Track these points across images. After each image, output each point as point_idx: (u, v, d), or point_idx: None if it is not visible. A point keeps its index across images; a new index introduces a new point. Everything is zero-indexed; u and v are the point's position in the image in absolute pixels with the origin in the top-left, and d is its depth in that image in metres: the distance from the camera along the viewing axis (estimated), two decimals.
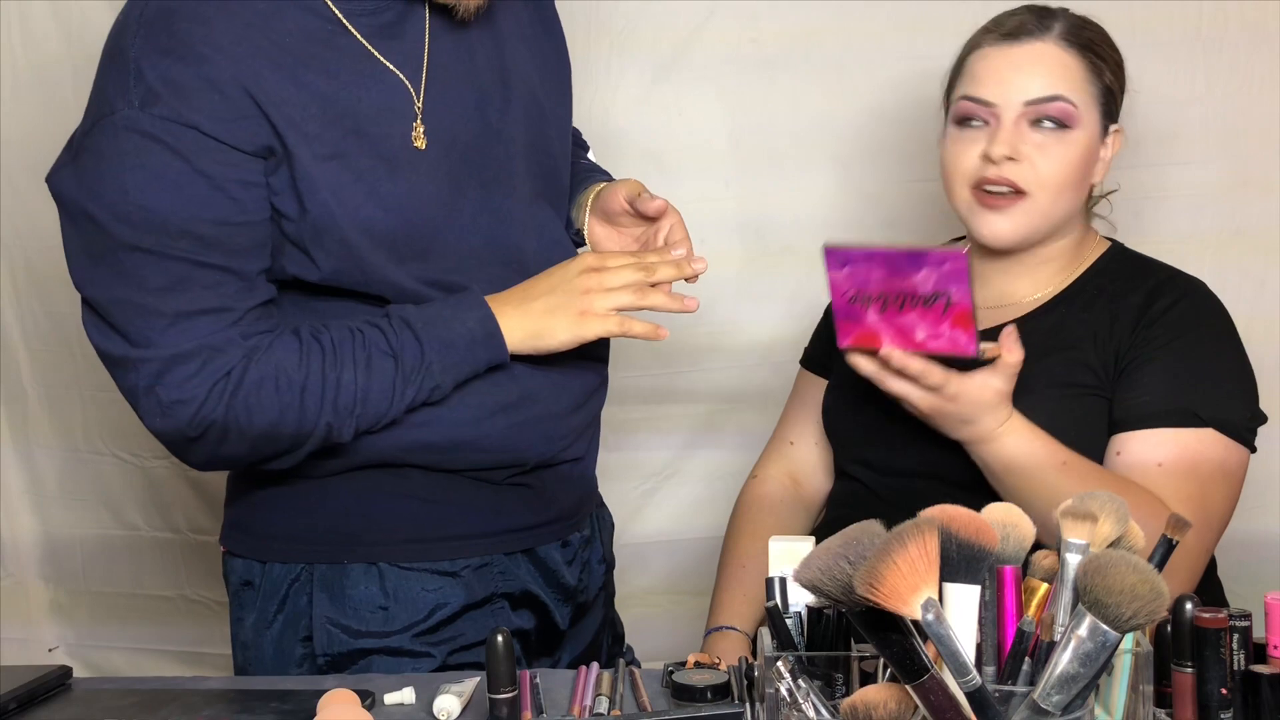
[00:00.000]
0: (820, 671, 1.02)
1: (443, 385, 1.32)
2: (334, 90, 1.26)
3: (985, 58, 1.51)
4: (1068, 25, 1.50)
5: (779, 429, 1.76)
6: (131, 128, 1.20)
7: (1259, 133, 1.99)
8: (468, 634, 1.39)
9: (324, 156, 1.25)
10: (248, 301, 1.26)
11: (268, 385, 1.25)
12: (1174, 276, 1.53)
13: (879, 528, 0.88)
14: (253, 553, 1.42)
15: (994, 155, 1.46)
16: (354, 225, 1.27)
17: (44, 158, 2.18)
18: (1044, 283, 1.55)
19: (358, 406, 1.29)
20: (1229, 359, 1.48)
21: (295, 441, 1.29)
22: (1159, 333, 1.46)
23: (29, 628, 2.32)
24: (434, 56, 1.33)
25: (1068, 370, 1.47)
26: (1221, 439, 1.43)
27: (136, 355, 1.24)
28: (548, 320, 1.32)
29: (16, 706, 1.24)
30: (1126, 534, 0.96)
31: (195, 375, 1.23)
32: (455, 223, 1.35)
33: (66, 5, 2.15)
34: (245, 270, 1.26)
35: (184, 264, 1.22)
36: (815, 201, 2.11)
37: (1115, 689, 0.97)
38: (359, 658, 1.37)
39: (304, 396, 1.26)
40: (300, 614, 1.38)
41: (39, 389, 2.26)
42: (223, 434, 1.26)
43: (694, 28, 2.10)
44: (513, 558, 1.44)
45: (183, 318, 1.23)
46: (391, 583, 1.37)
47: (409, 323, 1.30)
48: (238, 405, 1.25)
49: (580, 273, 1.33)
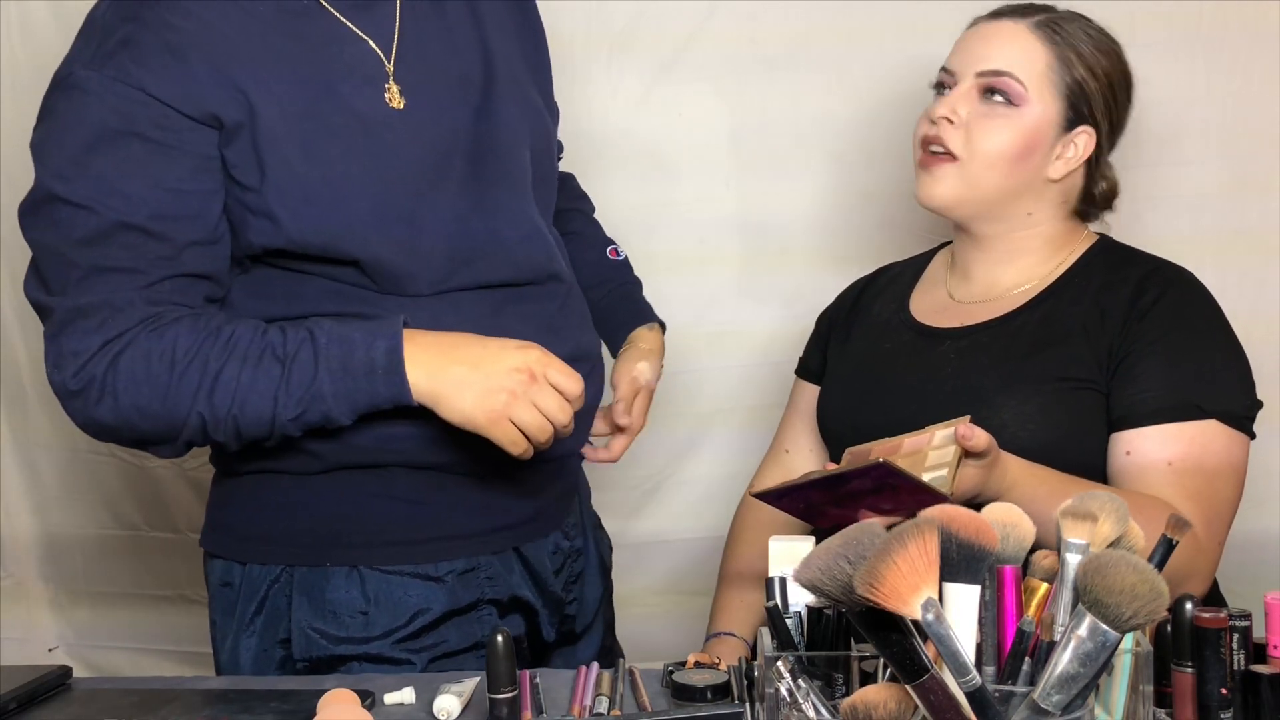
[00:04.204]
0: (820, 671, 1.02)
1: (336, 414, 1.24)
2: (303, 52, 1.26)
3: (966, 34, 1.57)
4: (1049, 17, 1.53)
5: (776, 438, 1.76)
6: (79, 86, 1.21)
7: (1259, 133, 1.99)
8: (451, 640, 1.36)
9: (295, 115, 1.24)
10: (165, 270, 1.23)
11: (152, 358, 1.21)
12: (1160, 267, 1.54)
13: (879, 528, 0.88)
14: (232, 553, 1.39)
15: (933, 115, 1.53)
16: (325, 181, 1.25)
17: None
18: (1028, 274, 1.56)
19: (234, 406, 1.22)
20: (1223, 347, 1.49)
21: (168, 426, 1.23)
22: (1151, 325, 1.47)
23: (29, 628, 2.31)
24: (407, 31, 1.33)
25: (1059, 365, 1.47)
26: (1224, 429, 1.43)
27: (51, 303, 1.24)
28: (455, 391, 1.23)
29: (16, 706, 1.24)
30: (1126, 534, 0.96)
31: (91, 331, 1.21)
32: (434, 195, 1.31)
33: (66, 5, 2.14)
34: (170, 237, 1.23)
35: (108, 222, 1.21)
36: (815, 201, 2.11)
37: (1115, 689, 0.97)
38: (337, 664, 1.34)
39: (179, 379, 1.21)
40: (279, 616, 1.36)
41: (39, 389, 2.26)
42: (99, 395, 1.22)
43: (694, 28, 2.10)
44: (501, 559, 1.42)
45: (95, 272, 1.21)
46: (372, 587, 1.34)
47: (313, 336, 1.23)
48: (119, 369, 1.21)
49: (512, 370, 1.24)
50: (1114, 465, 1.45)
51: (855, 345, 1.66)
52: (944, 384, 1.52)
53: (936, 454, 1.29)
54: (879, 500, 1.23)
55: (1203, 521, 1.40)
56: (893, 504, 1.23)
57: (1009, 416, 1.44)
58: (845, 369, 1.65)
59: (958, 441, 1.27)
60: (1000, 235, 1.56)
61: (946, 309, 1.60)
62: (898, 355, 1.59)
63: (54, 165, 1.23)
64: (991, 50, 1.51)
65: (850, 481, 1.24)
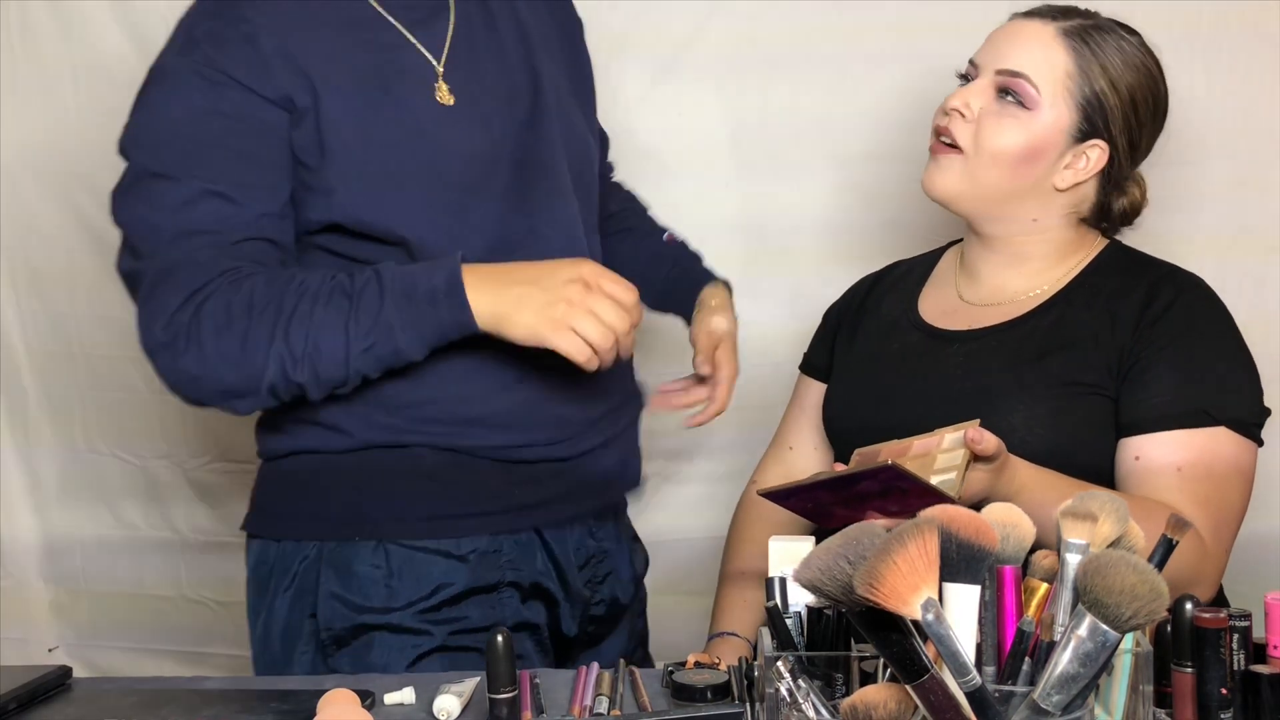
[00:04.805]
0: (820, 671, 1.02)
1: (405, 346, 1.30)
2: (363, 53, 1.38)
3: (998, 29, 1.55)
4: (1082, 24, 1.50)
5: (778, 434, 1.76)
6: (168, 72, 1.35)
7: (1259, 133, 1.99)
8: (472, 618, 1.40)
9: (354, 107, 1.35)
10: (243, 233, 1.33)
11: (232, 305, 1.29)
12: (1171, 273, 1.53)
13: (879, 528, 0.88)
14: (269, 532, 1.46)
15: (946, 106, 1.52)
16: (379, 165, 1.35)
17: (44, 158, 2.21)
18: (1037, 279, 1.55)
19: (309, 344, 1.29)
20: (1233, 355, 1.48)
21: (249, 371, 1.29)
22: (1162, 331, 1.46)
23: (29, 628, 2.31)
24: (459, 46, 1.43)
25: (1069, 369, 1.46)
26: (1233, 437, 1.43)
27: (140, 267, 1.34)
28: (515, 309, 1.29)
29: (16, 706, 1.24)
30: (1126, 534, 0.96)
31: (178, 287, 1.30)
32: (480, 190, 1.40)
33: (66, 5, 2.15)
34: (248, 204, 1.33)
35: (194, 190, 1.32)
36: (815, 201, 2.11)
37: (1115, 689, 0.97)
38: (361, 633, 1.39)
39: (256, 322, 1.28)
40: (309, 590, 1.41)
41: (39, 389, 2.26)
42: (185, 345, 1.29)
43: (694, 28, 2.10)
44: (524, 545, 1.45)
45: (182, 235, 1.31)
46: (397, 560, 1.40)
47: (379, 274, 1.31)
48: (202, 317, 1.29)
49: (568, 281, 1.29)
50: (1122, 470, 1.44)
51: (863, 344, 1.65)
52: (952, 386, 1.51)
53: (945, 457, 1.29)
54: (886, 503, 1.23)
55: (1210, 528, 1.40)
56: (900, 506, 1.22)
57: (1018, 420, 1.43)
58: (852, 368, 1.65)
59: (967, 445, 1.26)
60: (1006, 237, 1.55)
61: (955, 311, 1.59)
62: (906, 356, 1.58)
63: (147, 145, 1.35)
64: (1013, 50, 1.50)
65: (858, 483, 1.23)
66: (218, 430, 2.22)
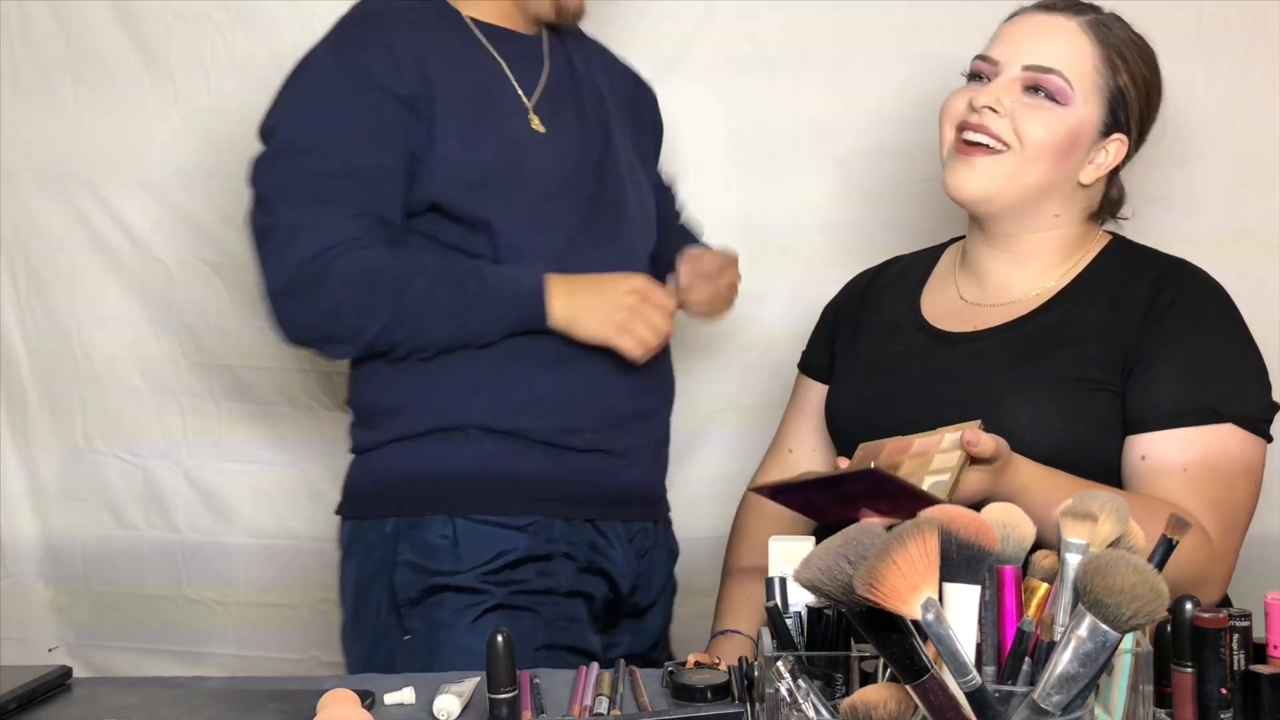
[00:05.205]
0: (820, 671, 1.02)
1: (485, 330, 1.55)
2: (470, 73, 1.62)
3: (1011, 22, 1.53)
4: (1100, 18, 1.50)
5: (778, 436, 1.75)
6: (319, 64, 1.58)
7: (1259, 133, 1.99)
8: (532, 581, 1.57)
9: (459, 115, 1.57)
10: (368, 207, 1.54)
11: (358, 264, 1.51)
12: (1176, 266, 1.52)
13: (879, 528, 0.88)
14: (355, 513, 1.64)
15: (976, 103, 1.48)
16: (475, 163, 1.56)
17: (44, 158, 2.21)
18: (1043, 277, 1.54)
19: (415, 308, 1.53)
20: (1240, 350, 1.47)
21: (359, 323, 1.53)
22: (1168, 326, 1.45)
23: (29, 628, 2.31)
24: (548, 96, 1.66)
25: (1075, 366, 1.45)
26: (1241, 433, 1.42)
27: (273, 223, 1.54)
28: (584, 314, 1.56)
29: (16, 706, 1.24)
30: (1126, 534, 0.96)
31: (310, 242, 1.51)
32: (557, 203, 1.61)
33: (66, 5, 2.15)
34: (375, 184, 1.54)
35: (332, 166, 1.53)
36: (815, 201, 2.11)
37: (1115, 689, 0.97)
38: (431, 594, 1.55)
39: (376, 281, 1.51)
40: (386, 561, 1.58)
41: (39, 389, 2.26)
42: (310, 292, 1.51)
43: (694, 28, 2.10)
44: (576, 529, 1.61)
45: (317, 201, 1.53)
46: (462, 531, 1.57)
47: (479, 269, 1.56)
48: (330, 271, 1.50)
49: (627, 292, 1.57)
50: (1128, 469, 1.43)
51: (865, 344, 1.64)
52: (958, 387, 1.49)
53: (942, 458, 1.29)
54: (876, 503, 1.23)
55: (1219, 528, 1.39)
56: (890, 507, 1.22)
57: (1024, 419, 1.41)
58: (856, 369, 1.63)
59: (963, 447, 1.26)
60: (1018, 235, 1.53)
61: (958, 311, 1.58)
62: (910, 357, 1.57)
63: (293, 124, 1.56)
64: (1043, 45, 1.48)
65: (844, 485, 1.24)
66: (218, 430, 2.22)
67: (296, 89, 1.59)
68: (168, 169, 2.18)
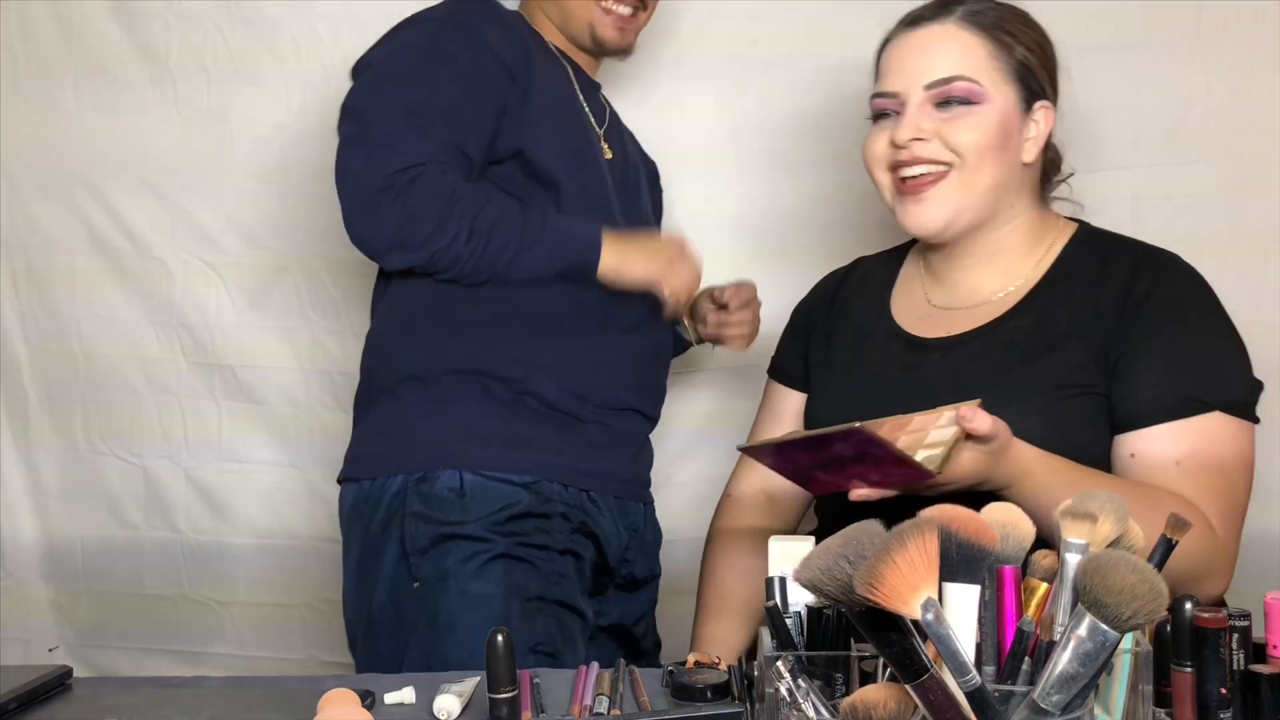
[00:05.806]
0: (820, 671, 1.02)
1: (537, 265, 1.64)
2: (558, 81, 1.77)
3: (889, 51, 1.53)
4: (969, 9, 1.49)
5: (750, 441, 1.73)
6: (426, 19, 1.70)
7: (1259, 133, 1.99)
8: (531, 535, 1.63)
9: (546, 107, 1.70)
10: (451, 139, 1.63)
11: (442, 183, 1.59)
12: (1148, 254, 1.51)
13: (879, 527, 0.88)
14: (362, 473, 1.68)
15: (899, 139, 1.47)
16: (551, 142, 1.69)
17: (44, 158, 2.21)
18: (1010, 274, 1.53)
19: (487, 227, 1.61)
20: (1218, 334, 1.46)
21: (434, 232, 1.59)
22: (1146, 319, 1.43)
23: (29, 628, 2.32)
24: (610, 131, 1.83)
25: (1058, 372, 1.44)
26: (1228, 419, 1.40)
27: (365, 133, 1.62)
28: (632, 259, 1.68)
29: (16, 706, 1.24)
30: (1126, 534, 0.96)
31: (405, 154, 1.59)
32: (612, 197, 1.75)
33: (66, 5, 2.16)
34: (466, 126, 1.64)
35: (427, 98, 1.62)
36: (815, 201, 2.11)
37: (1115, 689, 0.97)
38: (439, 543, 1.60)
39: (456, 199, 1.59)
40: (395, 516, 1.63)
41: (39, 389, 2.26)
42: (394, 197, 1.57)
43: (694, 28, 2.10)
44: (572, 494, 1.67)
45: (412, 131, 1.61)
46: (470, 483, 1.63)
47: (545, 214, 1.67)
48: (416, 184, 1.58)
49: (667, 245, 1.73)
50: (1118, 469, 1.42)
51: (840, 354, 1.63)
52: (939, 397, 1.46)
53: (938, 432, 1.28)
54: (865, 470, 1.22)
55: (1220, 518, 1.38)
56: (880, 475, 1.22)
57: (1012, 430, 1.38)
58: (834, 379, 1.62)
59: (958, 422, 1.25)
60: (978, 238, 1.52)
61: (928, 316, 1.57)
62: (887, 366, 1.56)
63: (397, 58, 1.66)
64: (933, 59, 1.47)
65: (832, 445, 1.22)
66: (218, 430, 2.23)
67: (406, 33, 1.69)
68: (168, 169, 2.18)
